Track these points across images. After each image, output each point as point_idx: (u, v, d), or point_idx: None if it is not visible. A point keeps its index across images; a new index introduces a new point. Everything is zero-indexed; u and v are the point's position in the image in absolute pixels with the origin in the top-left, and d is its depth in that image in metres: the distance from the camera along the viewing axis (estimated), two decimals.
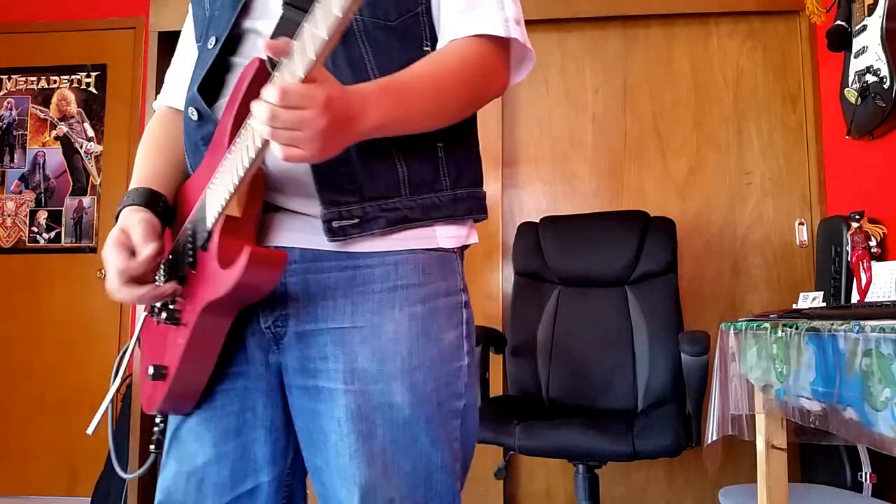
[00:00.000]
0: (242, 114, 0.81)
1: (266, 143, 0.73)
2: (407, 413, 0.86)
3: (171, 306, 0.90)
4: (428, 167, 0.90)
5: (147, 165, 1.01)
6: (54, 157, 3.24)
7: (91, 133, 3.23)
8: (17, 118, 3.27)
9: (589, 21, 2.94)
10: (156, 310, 0.91)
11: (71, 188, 3.21)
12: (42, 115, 3.26)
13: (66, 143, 3.24)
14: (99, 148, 3.22)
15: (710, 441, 1.66)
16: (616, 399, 2.30)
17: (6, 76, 3.29)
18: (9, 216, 3.22)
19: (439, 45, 0.91)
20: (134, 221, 0.89)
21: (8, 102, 3.28)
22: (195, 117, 0.92)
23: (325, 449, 0.87)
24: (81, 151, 3.23)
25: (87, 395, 2.99)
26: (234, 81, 0.86)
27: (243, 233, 0.85)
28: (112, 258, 0.88)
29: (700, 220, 2.82)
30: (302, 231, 0.88)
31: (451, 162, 0.93)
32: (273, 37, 0.83)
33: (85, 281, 3.13)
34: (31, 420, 3.06)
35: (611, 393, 2.31)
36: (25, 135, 3.26)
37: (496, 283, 2.80)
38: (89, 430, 0.93)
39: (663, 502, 2.72)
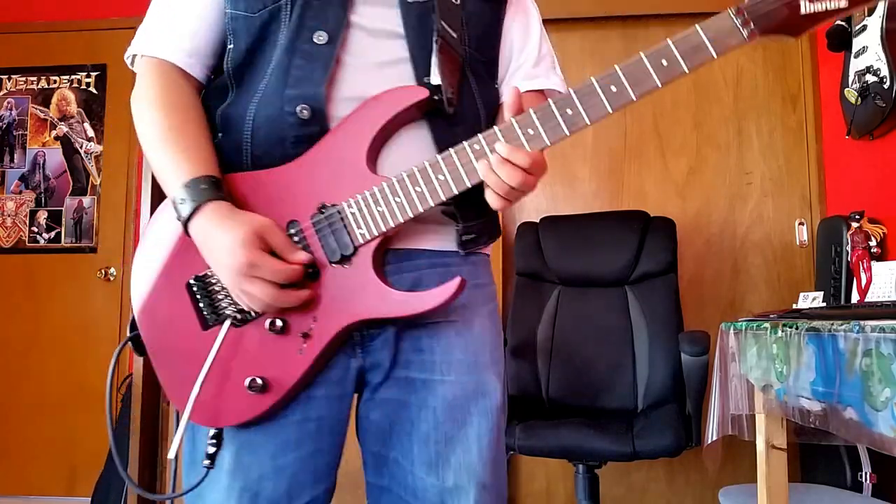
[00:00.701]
0: (385, 134, 0.88)
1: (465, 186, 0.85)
2: (497, 402, 0.93)
3: (283, 316, 0.85)
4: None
5: (195, 145, 0.89)
6: (54, 157, 3.24)
7: (91, 133, 3.23)
8: (17, 118, 3.27)
9: (589, 21, 2.93)
10: (239, 316, 0.86)
11: (71, 188, 3.21)
12: (42, 115, 3.26)
13: (66, 143, 3.24)
14: (99, 148, 3.22)
15: (710, 441, 1.66)
16: (616, 399, 2.30)
17: (6, 76, 3.29)
18: (9, 216, 3.22)
19: (505, 84, 1.04)
20: (264, 224, 0.83)
21: (8, 102, 3.28)
22: (305, 115, 0.87)
23: (409, 439, 0.90)
24: (81, 151, 3.23)
25: (86, 396, 2.99)
26: (344, 82, 0.89)
27: (382, 251, 0.89)
28: (272, 264, 0.82)
29: (700, 220, 2.82)
30: (411, 233, 0.92)
31: None
32: (409, 39, 0.91)
33: (85, 281, 3.13)
34: (31, 420, 3.06)
35: (611, 393, 2.31)
36: (25, 135, 3.26)
37: (496, 283, 2.80)
38: (170, 455, 0.86)
39: (663, 502, 2.72)
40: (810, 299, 1.97)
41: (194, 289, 0.89)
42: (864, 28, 2.18)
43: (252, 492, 0.86)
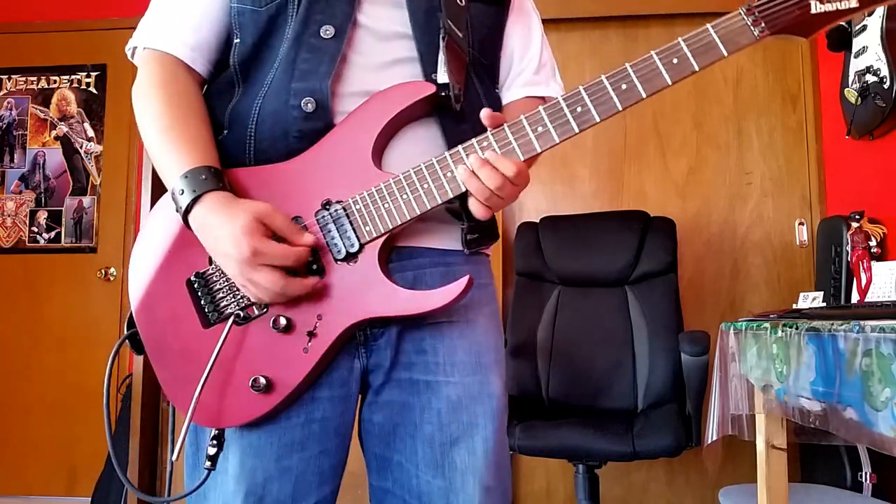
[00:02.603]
0: (391, 130, 0.87)
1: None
2: (500, 403, 0.93)
3: (287, 314, 0.84)
4: None
5: (196, 137, 0.87)
6: (54, 157, 3.24)
7: (91, 133, 3.23)
8: (17, 118, 3.27)
9: (589, 21, 2.93)
10: (252, 315, 0.85)
11: (71, 188, 3.21)
12: (42, 115, 3.26)
13: (66, 143, 3.24)
14: (99, 148, 3.22)
15: (710, 441, 1.66)
16: (616, 399, 2.30)
17: (6, 76, 3.29)
18: (9, 216, 3.22)
19: (505, 88, 1.05)
20: (264, 209, 0.82)
21: (8, 102, 3.28)
22: (309, 109, 0.86)
23: (413, 441, 0.89)
24: (81, 151, 3.23)
25: (86, 396, 2.99)
26: (349, 77, 0.89)
27: (390, 247, 0.89)
28: (277, 249, 0.80)
29: (700, 220, 2.82)
30: (417, 232, 0.92)
31: None
32: (416, 39, 0.91)
33: (85, 281, 3.13)
34: (31, 420, 3.06)
35: (611, 393, 2.31)
36: (25, 135, 3.26)
37: (496, 282, 2.80)
38: (173, 457, 0.85)
39: (663, 502, 2.72)
40: (810, 299, 1.97)
41: (195, 286, 0.88)
42: (864, 28, 2.18)
43: (257, 495, 0.85)
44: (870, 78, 2.13)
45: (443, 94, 0.88)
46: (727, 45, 0.83)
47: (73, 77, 3.25)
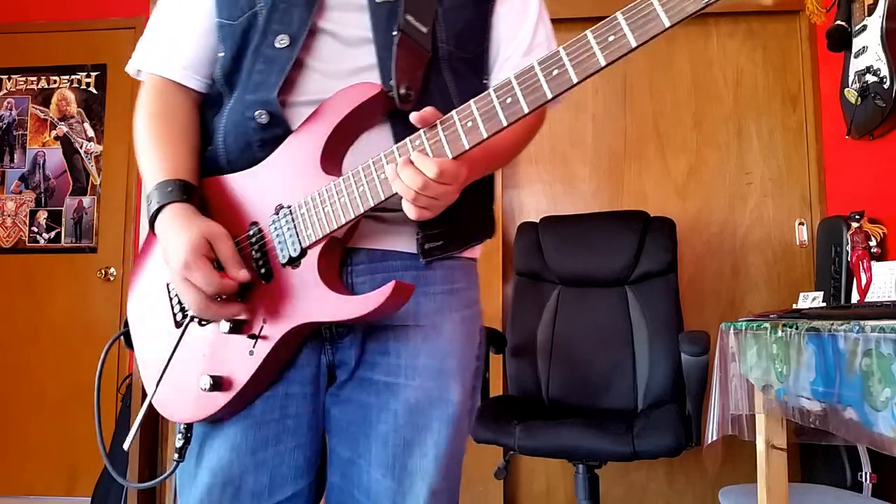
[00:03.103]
0: (342, 134, 0.85)
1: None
2: (458, 410, 0.92)
3: (236, 317, 0.87)
4: (483, 192, 0.99)
5: (171, 152, 0.92)
6: (54, 157, 3.24)
7: (91, 133, 3.23)
8: (17, 118, 3.27)
9: (589, 21, 2.89)
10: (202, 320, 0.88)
11: (71, 188, 3.21)
12: (42, 115, 3.26)
13: (66, 143, 3.24)
14: (99, 148, 3.22)
15: (710, 441, 1.66)
16: (616, 399, 2.30)
17: (6, 76, 3.29)
18: (9, 216, 3.22)
19: (494, 78, 1.00)
20: (214, 231, 0.84)
21: (8, 102, 3.28)
22: (264, 120, 0.88)
23: (367, 440, 0.90)
24: (81, 151, 3.23)
25: (87, 395, 2.99)
26: (307, 85, 0.89)
27: (338, 252, 0.89)
28: (202, 275, 0.81)
29: (700, 220, 2.82)
30: (372, 233, 0.91)
31: (490, 187, 1.02)
32: (377, 44, 0.88)
33: (85, 281, 3.13)
34: (31, 420, 3.06)
35: (611, 393, 2.31)
36: (25, 135, 3.26)
37: (496, 283, 2.80)
38: (125, 446, 0.92)
39: (663, 502, 2.72)
40: (810, 299, 1.97)
41: (170, 288, 0.93)
42: (864, 28, 2.18)
43: (234, 486, 0.88)
44: (870, 78, 2.13)
45: (389, 93, 0.86)
46: (670, 13, 0.70)
47: (73, 77, 3.25)
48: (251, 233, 0.88)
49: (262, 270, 0.87)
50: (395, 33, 0.88)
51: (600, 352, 2.36)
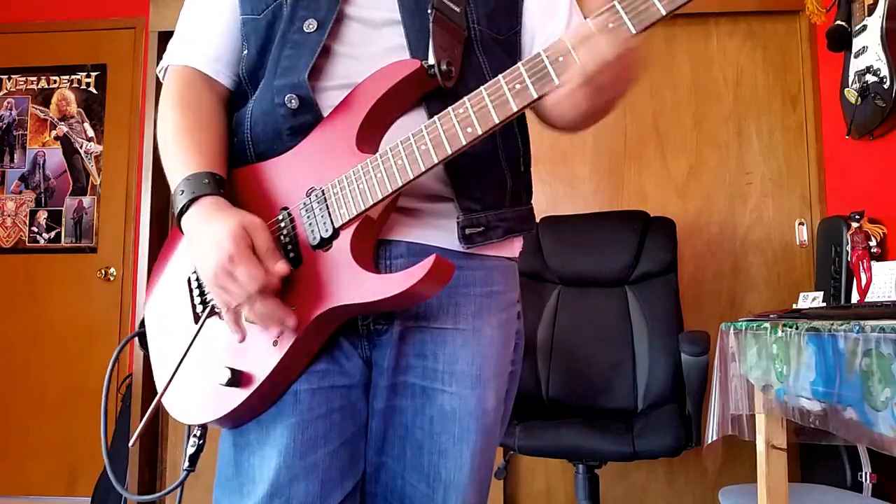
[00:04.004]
0: (379, 114, 0.83)
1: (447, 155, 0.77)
2: (493, 419, 0.90)
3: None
4: (520, 182, 0.98)
5: (201, 144, 0.89)
6: (54, 157, 3.24)
7: (91, 133, 3.23)
8: (17, 118, 3.27)
9: None
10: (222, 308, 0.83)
11: (71, 188, 3.21)
12: (42, 115, 3.26)
13: (66, 143, 3.24)
14: (99, 148, 3.22)
15: (710, 441, 1.66)
16: (616, 399, 2.30)
17: (6, 76, 3.29)
18: (9, 216, 3.22)
19: None
20: (253, 221, 0.80)
21: (8, 102, 3.28)
22: (294, 105, 0.86)
23: (402, 443, 0.88)
24: (81, 151, 3.23)
25: (87, 395, 2.99)
26: (338, 69, 0.87)
27: (372, 235, 0.85)
28: (250, 266, 0.77)
29: (700, 220, 2.82)
30: (410, 226, 0.89)
31: (528, 178, 1.01)
32: (405, 25, 0.87)
33: (85, 281, 3.13)
34: (31, 420, 3.06)
35: (611, 393, 2.31)
36: (25, 135, 3.26)
37: None
38: (130, 444, 0.89)
39: (663, 502, 2.72)
40: (810, 299, 1.97)
41: (192, 283, 0.89)
42: (864, 28, 2.18)
43: (283, 497, 0.81)
44: (870, 78, 2.13)
45: (430, 71, 0.83)
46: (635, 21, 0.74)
47: (73, 77, 3.25)
48: (280, 217, 0.84)
49: (291, 255, 0.83)
50: (430, 11, 0.86)
51: (600, 352, 2.36)
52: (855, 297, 1.91)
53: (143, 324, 0.94)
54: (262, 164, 0.88)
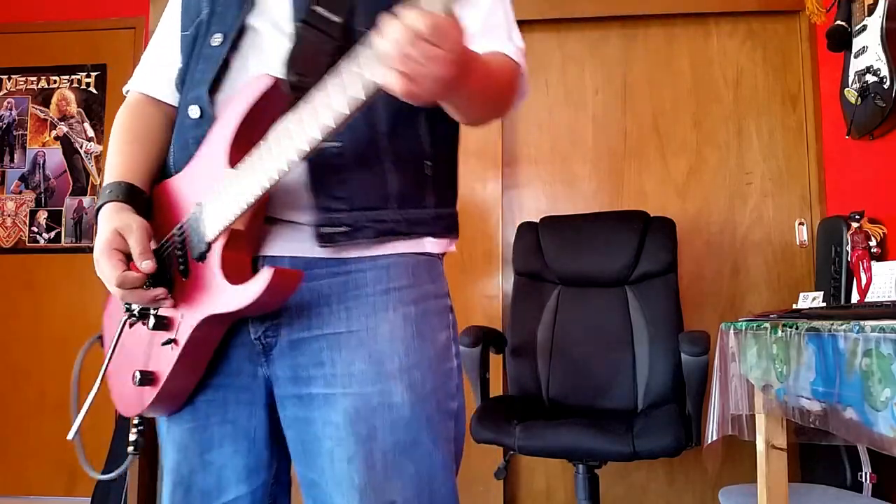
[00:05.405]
0: (249, 128, 0.84)
1: (291, 163, 0.76)
2: (407, 413, 0.86)
3: (158, 313, 0.90)
4: (416, 183, 0.93)
5: (125, 158, 0.98)
6: (54, 157, 3.24)
7: (91, 133, 3.23)
8: (17, 118, 3.27)
9: (589, 21, 2.93)
10: (136, 315, 0.92)
11: (71, 188, 3.21)
12: (42, 115, 3.26)
13: (66, 143, 3.24)
14: (99, 148, 3.22)
15: (710, 441, 1.66)
16: (616, 399, 2.30)
17: (6, 76, 3.29)
18: (9, 216, 3.22)
19: None
20: (129, 224, 0.88)
21: (8, 102, 3.28)
22: (196, 115, 0.91)
23: (320, 457, 0.86)
24: (81, 151, 3.23)
25: (86, 395, 2.99)
26: (234, 81, 0.90)
27: (244, 246, 0.87)
28: (108, 269, 0.86)
29: (700, 220, 2.82)
30: (292, 240, 0.89)
31: (437, 181, 0.95)
32: (296, 37, 0.87)
33: (85, 281, 3.12)
34: (31, 420, 3.06)
35: (611, 393, 2.31)
36: (25, 135, 3.26)
37: (496, 283, 2.80)
38: (69, 436, 0.98)
39: (663, 502, 2.72)
40: (810, 299, 1.97)
41: None
42: (864, 28, 2.18)
43: (185, 486, 0.92)
44: (870, 78, 2.13)
45: (282, 87, 0.84)
46: None
47: (73, 77, 3.25)
48: (174, 231, 0.90)
49: (182, 267, 0.88)
50: (296, 23, 0.88)
51: (600, 352, 2.36)
52: (855, 297, 1.91)
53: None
54: (171, 180, 0.95)
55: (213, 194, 0.85)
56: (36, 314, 3.14)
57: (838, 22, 2.31)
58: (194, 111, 0.91)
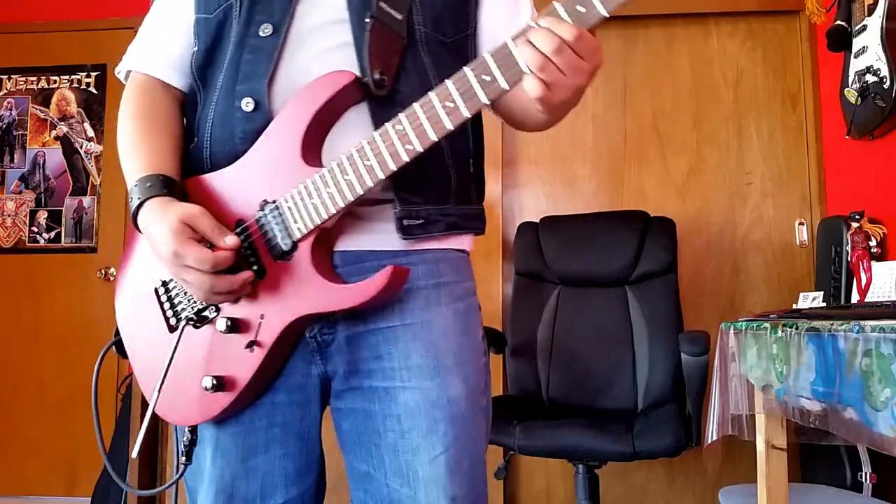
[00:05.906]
0: (319, 123, 0.85)
1: (391, 169, 0.78)
2: (463, 407, 0.89)
3: (232, 315, 0.86)
4: (466, 180, 0.97)
5: (153, 147, 0.92)
6: (54, 157, 3.24)
7: (91, 133, 3.23)
8: (17, 118, 3.27)
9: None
10: (195, 319, 0.88)
11: (71, 188, 3.21)
12: (42, 115, 3.26)
13: (66, 143, 3.24)
14: (99, 148, 3.22)
15: (710, 441, 1.66)
16: (616, 399, 2.30)
17: (6, 76, 3.29)
18: (9, 216, 3.22)
19: None
20: (190, 212, 0.83)
21: (8, 102, 3.28)
22: (250, 108, 0.88)
23: (379, 450, 0.88)
24: (81, 151, 3.23)
25: (87, 395, 2.98)
26: (287, 74, 0.88)
27: (330, 243, 0.88)
28: (197, 255, 0.81)
29: (700, 220, 2.82)
30: (364, 233, 0.90)
31: (477, 178, 1.00)
32: (352, 23, 0.87)
33: (85, 281, 3.13)
34: (31, 420, 3.06)
35: (611, 393, 2.31)
36: (25, 135, 3.26)
37: (496, 283, 2.80)
38: (133, 454, 0.91)
39: (663, 502, 2.72)
40: (810, 299, 1.97)
41: (160, 293, 0.92)
42: (864, 28, 2.18)
43: (227, 493, 0.89)
44: (870, 78, 2.13)
45: (364, 80, 0.85)
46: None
47: (73, 77, 3.25)
48: (238, 231, 0.87)
49: (255, 267, 0.86)
50: (367, 20, 0.88)
51: (600, 352, 2.36)
52: (855, 297, 1.91)
53: (118, 331, 0.96)
54: (213, 175, 0.91)
55: (293, 192, 0.83)
56: (36, 314, 3.14)
57: (838, 22, 2.30)
58: (248, 104, 0.88)
